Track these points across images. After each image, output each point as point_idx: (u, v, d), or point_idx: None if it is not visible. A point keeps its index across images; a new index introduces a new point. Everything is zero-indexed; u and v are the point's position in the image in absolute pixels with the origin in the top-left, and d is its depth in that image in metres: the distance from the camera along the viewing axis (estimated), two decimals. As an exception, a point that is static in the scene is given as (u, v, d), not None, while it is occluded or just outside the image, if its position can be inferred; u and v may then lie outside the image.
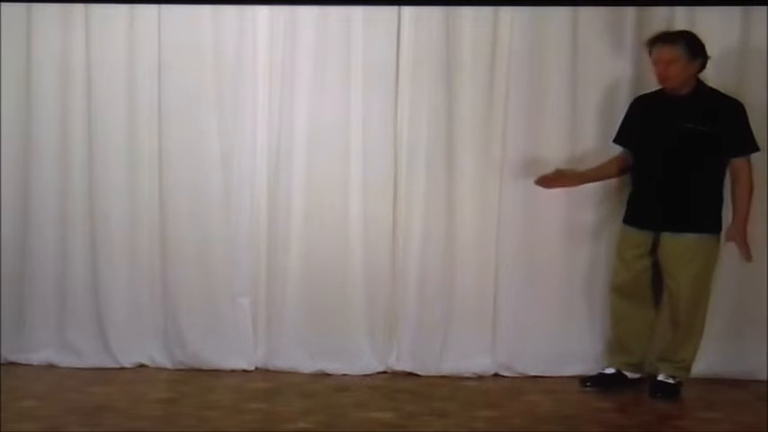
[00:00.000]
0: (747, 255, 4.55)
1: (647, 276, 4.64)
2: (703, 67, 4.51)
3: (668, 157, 4.48)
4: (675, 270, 4.53)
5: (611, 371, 4.73)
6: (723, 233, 4.57)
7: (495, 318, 4.97)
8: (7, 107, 4.96)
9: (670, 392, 4.58)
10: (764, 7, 4.76)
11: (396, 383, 4.81)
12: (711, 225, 4.52)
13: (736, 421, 4.27)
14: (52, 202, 5.00)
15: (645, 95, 4.67)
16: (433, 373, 4.93)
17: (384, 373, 4.97)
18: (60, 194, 5.00)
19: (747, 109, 4.64)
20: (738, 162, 4.48)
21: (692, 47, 4.46)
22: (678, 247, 4.50)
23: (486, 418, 4.28)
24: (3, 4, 4.90)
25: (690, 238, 4.49)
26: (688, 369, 4.65)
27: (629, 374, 4.72)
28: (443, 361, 4.95)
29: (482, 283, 4.97)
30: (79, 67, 4.93)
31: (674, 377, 4.61)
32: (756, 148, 4.51)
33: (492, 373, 4.94)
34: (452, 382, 4.84)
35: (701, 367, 4.87)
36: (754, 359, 4.86)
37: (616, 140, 4.72)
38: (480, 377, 4.91)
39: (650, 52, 4.51)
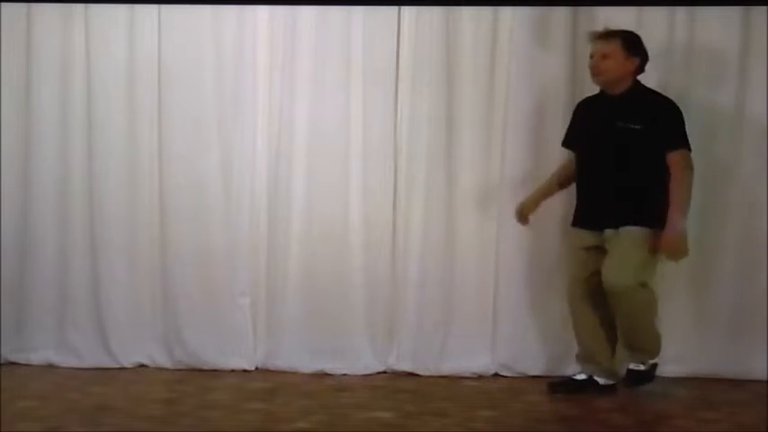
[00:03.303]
0: (674, 255, 4.36)
1: (597, 278, 4.45)
2: (642, 67, 4.43)
3: (603, 157, 4.42)
4: (609, 260, 4.38)
5: (581, 377, 4.62)
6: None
7: (495, 318, 4.98)
8: (7, 107, 4.97)
9: (639, 379, 4.51)
10: (764, 7, 4.76)
11: (396, 383, 4.81)
12: (651, 220, 4.36)
13: (736, 421, 4.27)
14: (52, 202, 5.00)
15: (588, 98, 4.63)
16: (433, 373, 4.93)
17: (384, 373, 4.97)
18: (60, 194, 5.00)
19: (748, 109, 4.65)
20: (671, 157, 4.34)
21: (630, 45, 4.39)
22: (618, 241, 4.37)
23: (486, 418, 4.28)
24: (3, 4, 4.90)
25: (627, 231, 4.35)
26: (651, 352, 4.50)
27: (602, 381, 4.60)
28: (443, 361, 4.96)
29: (482, 284, 4.97)
30: (79, 67, 4.94)
31: (643, 362, 4.50)
32: (687, 147, 4.37)
33: (492, 373, 4.94)
34: (452, 382, 4.84)
35: (701, 367, 4.88)
36: (754, 359, 4.86)
37: (564, 144, 4.68)
38: (480, 377, 4.91)
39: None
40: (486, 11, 4.88)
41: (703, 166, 4.79)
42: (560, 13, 4.84)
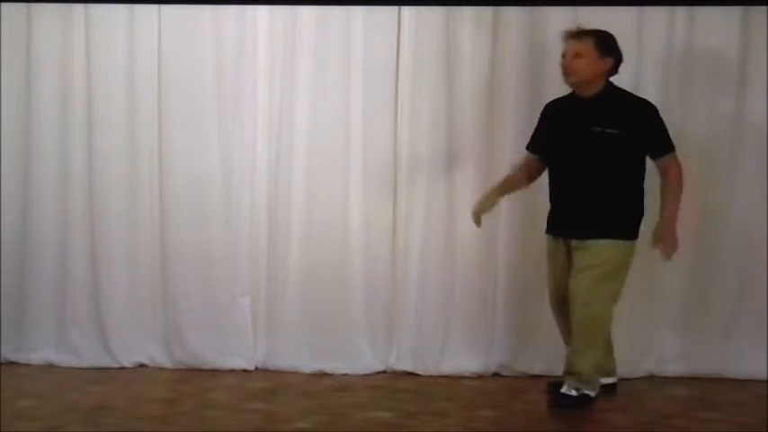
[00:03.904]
0: (669, 253, 4.29)
1: None
2: (615, 68, 4.32)
3: (576, 163, 4.30)
4: (576, 273, 4.28)
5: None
6: (638, 240, 4.34)
7: (495, 318, 4.97)
8: (7, 107, 4.97)
9: (568, 404, 4.32)
10: (764, 7, 4.76)
11: (396, 383, 4.82)
12: (621, 232, 4.27)
13: (736, 421, 4.27)
14: (52, 201, 5.01)
15: (556, 100, 4.50)
16: (433, 372, 4.93)
17: (384, 373, 4.97)
18: (60, 194, 5.00)
19: (748, 109, 4.65)
20: (665, 161, 4.28)
21: (603, 45, 4.27)
22: (583, 253, 4.27)
23: (486, 418, 4.28)
24: (3, 4, 4.90)
25: (596, 245, 4.24)
26: (589, 383, 4.33)
27: (602, 380, 4.46)
28: (443, 361, 4.96)
29: (482, 284, 4.97)
30: (79, 67, 4.95)
31: (576, 389, 4.33)
32: (671, 147, 4.29)
33: (492, 373, 4.94)
34: (452, 381, 4.85)
35: (701, 367, 4.88)
36: (754, 359, 4.86)
37: (528, 147, 4.57)
38: (480, 377, 4.91)
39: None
40: (486, 11, 4.88)
41: (703, 166, 4.81)
42: (560, 13, 4.84)
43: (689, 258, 4.90)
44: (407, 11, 4.89)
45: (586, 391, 4.34)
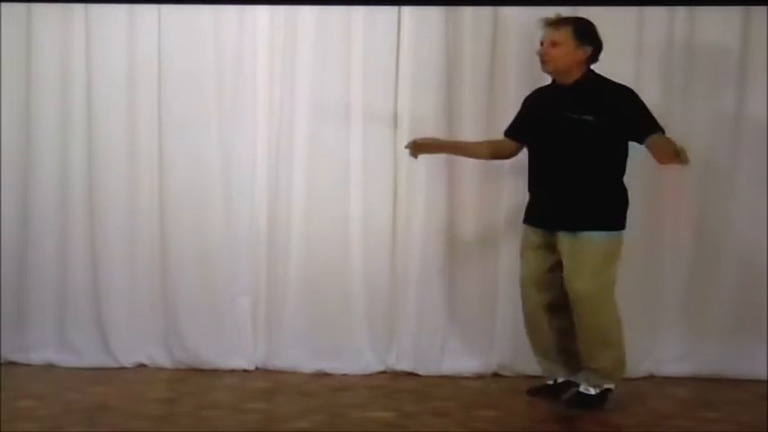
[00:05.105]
0: (682, 156, 3.98)
1: (550, 277, 4.32)
2: (594, 56, 4.23)
3: (554, 151, 4.22)
4: (571, 272, 4.20)
5: (561, 380, 4.43)
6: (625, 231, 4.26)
7: (495, 318, 4.97)
8: (7, 107, 4.97)
9: (587, 403, 4.26)
10: (764, 7, 4.76)
11: (396, 383, 4.82)
12: (608, 222, 4.19)
13: (736, 421, 4.27)
14: (52, 201, 5.00)
15: (538, 89, 4.45)
16: (433, 372, 4.93)
17: (384, 373, 4.97)
18: (60, 194, 5.00)
19: (749, 108, 4.64)
20: (652, 140, 4.10)
21: (581, 33, 4.18)
22: (573, 246, 4.19)
23: (486, 418, 4.28)
24: (3, 4, 4.90)
25: (584, 237, 4.16)
26: (610, 376, 4.27)
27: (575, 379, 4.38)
28: (443, 361, 4.96)
29: (482, 284, 4.97)
30: (79, 67, 4.94)
31: (595, 386, 4.27)
32: (662, 130, 4.15)
33: (492, 373, 4.94)
34: (452, 381, 4.85)
35: (701, 367, 4.88)
36: (754, 359, 4.86)
37: (507, 134, 4.52)
38: (480, 377, 4.91)
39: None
40: (486, 11, 4.88)
41: (703, 166, 4.80)
42: (560, 13, 4.84)
43: (689, 259, 4.90)
44: (407, 11, 4.89)
45: (607, 386, 4.28)
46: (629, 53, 4.83)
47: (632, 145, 4.25)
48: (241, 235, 4.99)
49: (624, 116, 4.15)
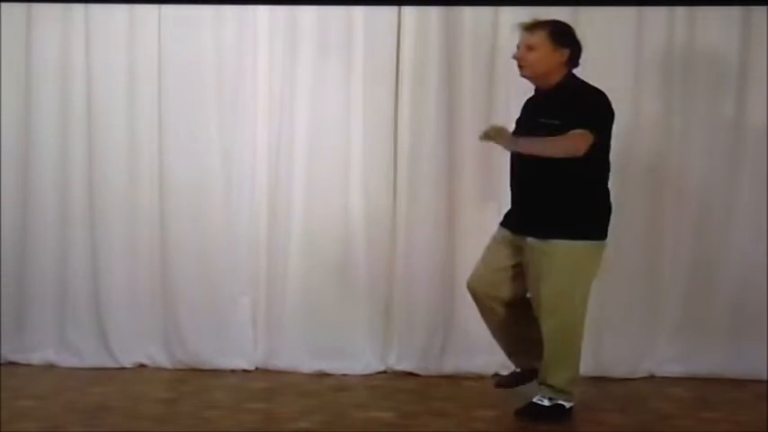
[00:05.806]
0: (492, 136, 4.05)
1: (504, 276, 4.23)
2: (573, 59, 4.12)
3: (525, 156, 4.06)
4: (533, 280, 4.10)
5: (521, 369, 4.40)
6: (604, 241, 4.14)
7: (494, 318, 4.97)
8: (7, 107, 4.97)
9: (539, 415, 4.14)
10: (764, 7, 4.76)
11: (396, 383, 4.82)
12: (578, 231, 4.03)
13: (736, 421, 4.27)
14: (52, 201, 5.00)
15: (533, 94, 4.33)
16: (433, 372, 4.93)
17: (384, 372, 4.97)
18: (60, 194, 5.00)
19: (748, 109, 4.64)
20: (572, 134, 3.93)
21: (557, 36, 4.08)
22: (538, 255, 4.06)
23: (486, 418, 4.28)
24: (3, 4, 4.90)
25: (553, 245, 4.03)
26: (562, 392, 4.14)
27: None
28: (443, 361, 4.96)
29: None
30: (79, 67, 4.94)
31: (550, 398, 4.15)
32: (591, 128, 3.93)
33: (492, 372, 4.93)
34: (452, 382, 4.85)
35: (701, 367, 4.88)
36: (754, 359, 4.86)
37: None
38: (480, 377, 4.91)
39: None
40: (486, 11, 4.88)
41: (703, 166, 4.81)
42: (561, 13, 4.83)
43: (689, 259, 4.90)
44: (408, 11, 4.89)
45: (561, 402, 4.15)
46: (629, 53, 4.83)
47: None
48: (241, 234, 4.99)
49: (572, 116, 3.98)
